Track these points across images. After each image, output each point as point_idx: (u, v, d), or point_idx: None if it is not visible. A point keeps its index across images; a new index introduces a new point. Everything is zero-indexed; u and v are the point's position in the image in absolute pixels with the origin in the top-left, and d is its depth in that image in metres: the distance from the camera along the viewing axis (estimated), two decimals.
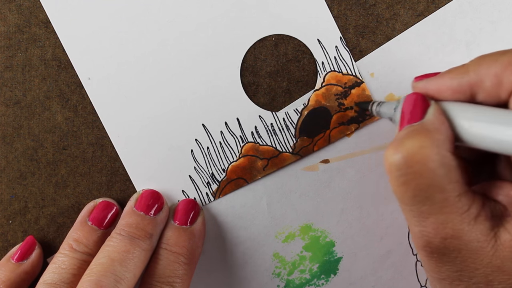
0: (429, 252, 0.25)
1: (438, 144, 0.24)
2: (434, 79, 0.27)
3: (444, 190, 0.24)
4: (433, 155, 0.24)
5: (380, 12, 0.34)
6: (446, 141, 0.25)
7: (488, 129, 0.24)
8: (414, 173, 0.24)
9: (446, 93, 0.26)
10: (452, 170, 0.24)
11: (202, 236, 0.33)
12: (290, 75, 0.34)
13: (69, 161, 0.34)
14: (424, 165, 0.24)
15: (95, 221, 0.33)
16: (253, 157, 0.34)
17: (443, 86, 0.26)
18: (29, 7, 0.33)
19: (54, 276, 0.30)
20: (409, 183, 0.24)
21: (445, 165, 0.24)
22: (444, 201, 0.24)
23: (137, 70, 0.34)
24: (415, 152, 0.24)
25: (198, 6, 0.33)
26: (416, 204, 0.25)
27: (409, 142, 0.24)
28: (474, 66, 0.25)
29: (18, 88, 0.34)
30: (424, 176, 0.24)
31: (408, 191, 0.24)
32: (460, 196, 0.24)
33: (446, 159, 0.24)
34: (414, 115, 0.26)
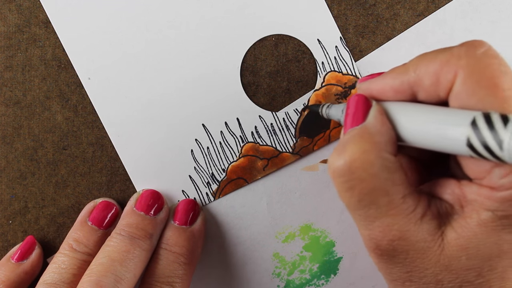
0: (379, 255, 0.25)
1: (380, 147, 0.24)
2: (376, 80, 0.27)
3: (388, 193, 0.24)
4: (375, 159, 0.24)
5: (380, 12, 0.34)
6: (388, 143, 0.25)
7: (425, 129, 0.24)
8: (357, 179, 0.24)
9: (389, 93, 0.26)
10: (395, 172, 0.24)
11: (202, 236, 0.33)
12: (290, 75, 0.34)
13: (69, 161, 0.34)
14: (366, 170, 0.24)
15: (95, 221, 0.33)
16: (253, 157, 0.34)
17: (385, 86, 0.26)
18: (29, 7, 0.33)
19: (54, 276, 0.30)
20: (353, 188, 0.24)
21: (388, 168, 0.24)
22: (389, 204, 0.24)
23: (137, 70, 0.34)
24: (356, 158, 0.24)
25: (198, 6, 0.33)
26: (362, 209, 0.25)
27: (351, 147, 0.24)
28: (414, 65, 0.25)
29: (18, 88, 0.34)
30: (367, 181, 0.24)
31: (353, 196, 0.25)
32: (405, 198, 0.24)
33: (388, 162, 0.24)
34: (356, 117, 0.26)
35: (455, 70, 0.23)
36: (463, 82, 0.23)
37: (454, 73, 0.23)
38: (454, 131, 0.23)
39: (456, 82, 0.23)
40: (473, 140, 0.22)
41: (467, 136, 0.22)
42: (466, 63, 0.23)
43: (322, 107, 0.31)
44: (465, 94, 0.23)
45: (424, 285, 0.25)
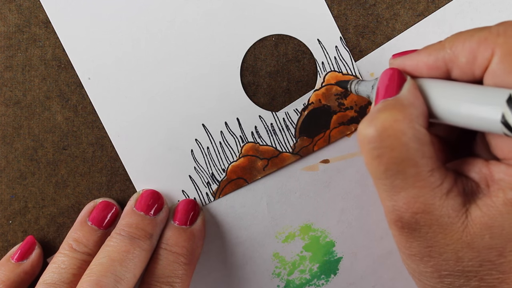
0: (400, 227, 0.25)
1: (412, 119, 0.24)
2: (411, 56, 0.27)
3: (416, 164, 0.24)
4: (407, 129, 0.24)
5: (380, 12, 0.34)
6: (420, 116, 0.25)
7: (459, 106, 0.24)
8: (387, 147, 0.24)
9: (423, 70, 0.26)
10: (425, 145, 0.24)
11: (202, 236, 0.33)
12: (290, 75, 0.34)
13: (69, 161, 0.34)
14: (397, 139, 0.24)
15: (95, 221, 0.33)
16: (253, 157, 0.34)
17: (419, 62, 0.26)
18: (29, 7, 0.33)
19: (54, 276, 0.30)
20: (381, 156, 0.24)
21: (419, 139, 0.24)
22: (416, 175, 0.24)
23: (137, 70, 0.34)
24: (388, 126, 0.24)
25: (198, 6, 0.33)
26: (388, 178, 0.24)
27: (383, 115, 0.24)
28: (450, 42, 0.25)
29: (18, 88, 0.34)
30: (397, 150, 0.24)
31: (380, 164, 0.24)
32: (433, 171, 0.24)
33: (419, 134, 0.24)
34: (389, 90, 0.26)
35: (493, 48, 0.23)
36: (501, 60, 0.23)
37: (491, 51, 0.23)
38: (489, 108, 0.23)
39: (493, 60, 0.23)
40: (509, 117, 0.22)
41: (502, 113, 0.22)
42: (504, 41, 0.23)
43: (351, 83, 0.31)
44: (502, 72, 0.23)
45: (443, 261, 0.25)
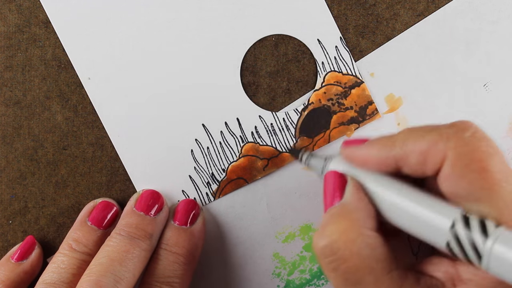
0: None
1: (359, 225, 0.24)
2: (361, 148, 0.27)
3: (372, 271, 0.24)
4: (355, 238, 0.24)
5: (380, 12, 0.34)
6: (367, 218, 0.25)
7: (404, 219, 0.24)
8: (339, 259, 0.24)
9: (373, 165, 0.26)
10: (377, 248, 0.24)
11: (202, 236, 0.33)
12: (290, 75, 0.34)
13: (69, 161, 0.34)
14: (347, 250, 0.24)
15: (95, 221, 0.33)
16: (253, 157, 0.34)
17: (369, 156, 0.26)
18: (29, 7, 0.33)
19: (54, 276, 0.30)
20: (338, 268, 0.24)
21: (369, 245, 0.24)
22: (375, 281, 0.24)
23: (137, 70, 0.34)
24: (337, 238, 0.24)
25: (198, 6, 0.33)
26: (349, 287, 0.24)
27: (330, 227, 0.25)
28: (401, 140, 0.25)
29: (18, 88, 0.34)
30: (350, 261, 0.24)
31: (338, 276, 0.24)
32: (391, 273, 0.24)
33: (369, 239, 0.24)
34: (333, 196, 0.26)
35: (444, 152, 0.23)
36: (453, 165, 0.23)
37: (442, 155, 0.23)
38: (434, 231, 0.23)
39: (445, 164, 0.23)
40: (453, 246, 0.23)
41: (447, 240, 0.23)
42: (454, 145, 0.23)
43: (303, 154, 0.31)
44: (454, 177, 0.23)
45: None
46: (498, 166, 0.23)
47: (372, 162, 0.26)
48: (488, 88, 0.34)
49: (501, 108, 0.34)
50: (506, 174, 0.23)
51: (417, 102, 0.34)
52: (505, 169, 0.23)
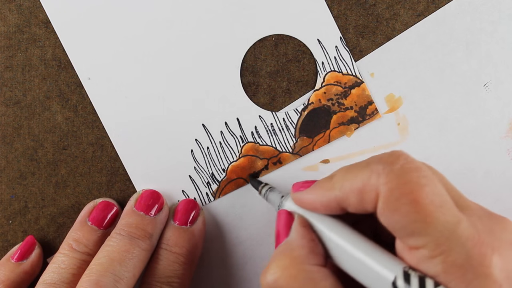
0: None
1: (301, 261, 0.25)
2: (306, 193, 0.27)
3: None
4: (297, 273, 0.25)
5: (380, 12, 0.34)
6: (311, 254, 0.25)
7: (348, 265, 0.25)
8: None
9: (319, 208, 0.26)
10: (321, 282, 0.24)
11: (202, 236, 0.33)
12: (290, 75, 0.34)
13: (69, 161, 0.34)
14: (290, 286, 0.24)
15: (95, 221, 0.33)
16: (253, 157, 0.34)
17: (314, 201, 0.26)
18: (29, 7, 0.33)
19: (54, 276, 0.30)
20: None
21: (312, 279, 0.24)
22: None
23: (137, 70, 0.34)
24: (279, 275, 0.25)
25: (198, 6, 0.33)
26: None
27: (273, 265, 0.25)
28: (339, 182, 0.25)
29: (18, 88, 0.34)
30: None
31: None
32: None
33: (311, 274, 0.25)
34: (281, 233, 0.27)
35: (376, 189, 0.23)
36: (385, 201, 0.23)
37: (375, 192, 0.23)
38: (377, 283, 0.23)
39: (379, 201, 0.23)
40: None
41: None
42: (384, 180, 0.23)
43: (263, 187, 0.32)
44: (388, 212, 0.23)
45: None
46: (430, 196, 0.22)
47: (318, 206, 0.26)
48: (488, 88, 0.34)
49: (501, 108, 0.34)
50: (440, 203, 0.23)
51: (417, 102, 0.34)
52: (438, 198, 0.23)
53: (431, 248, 0.22)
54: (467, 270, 0.22)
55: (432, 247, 0.22)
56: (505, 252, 0.23)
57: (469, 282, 0.22)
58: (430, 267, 0.23)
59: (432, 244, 0.22)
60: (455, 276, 0.22)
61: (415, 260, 0.23)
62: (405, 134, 0.34)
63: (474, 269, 0.22)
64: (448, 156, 0.34)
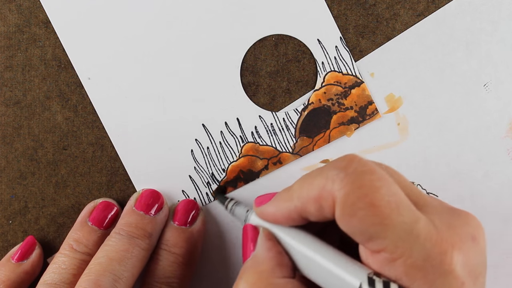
0: None
1: (267, 275, 0.25)
2: (268, 206, 0.27)
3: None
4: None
5: (380, 12, 0.34)
6: (277, 267, 0.25)
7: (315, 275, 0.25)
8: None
9: (281, 220, 0.26)
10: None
11: (201, 236, 0.33)
12: (290, 75, 0.34)
13: (69, 161, 0.34)
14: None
15: (95, 221, 0.33)
16: (253, 157, 0.34)
17: (276, 213, 0.26)
18: (29, 7, 0.33)
19: (55, 276, 0.30)
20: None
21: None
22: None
23: (137, 70, 0.34)
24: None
25: (198, 6, 0.33)
26: None
27: (242, 282, 0.25)
28: (297, 191, 0.25)
29: (18, 88, 0.34)
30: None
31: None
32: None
33: (280, 286, 0.24)
34: (248, 249, 0.27)
35: (332, 196, 0.23)
36: (342, 207, 0.23)
37: (332, 198, 0.23)
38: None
39: (336, 206, 0.23)
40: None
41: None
42: (339, 186, 0.23)
43: (229, 202, 0.32)
44: (345, 217, 0.23)
45: None
46: (386, 198, 0.22)
47: (280, 218, 0.26)
48: (488, 88, 0.34)
49: (501, 108, 0.34)
50: (397, 205, 0.22)
51: (417, 102, 0.34)
52: (395, 199, 0.22)
53: (390, 250, 0.22)
54: (428, 270, 0.22)
55: (392, 249, 0.22)
56: (466, 247, 0.22)
57: (431, 283, 0.22)
58: (392, 270, 0.22)
59: (392, 247, 0.22)
60: (417, 277, 0.22)
61: (378, 265, 0.23)
62: (405, 134, 0.34)
63: (435, 268, 0.22)
64: (448, 156, 0.34)
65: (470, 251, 0.23)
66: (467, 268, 0.22)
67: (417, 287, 0.22)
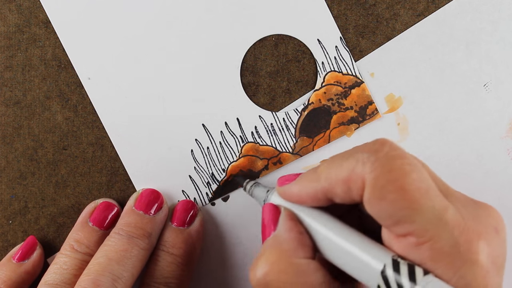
0: None
1: (289, 255, 0.25)
2: (292, 186, 0.27)
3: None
4: (286, 267, 0.24)
5: (380, 12, 0.34)
6: (299, 247, 0.25)
7: (338, 258, 0.25)
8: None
9: (306, 199, 0.26)
10: (311, 275, 0.24)
11: (200, 237, 0.33)
12: (290, 75, 0.34)
13: (69, 161, 0.34)
14: (279, 281, 0.24)
15: (96, 222, 0.33)
16: (253, 157, 0.34)
17: (301, 192, 0.26)
18: (29, 7, 0.33)
19: (56, 277, 0.31)
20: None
21: (302, 272, 0.24)
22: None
23: (137, 70, 0.34)
24: (268, 270, 0.25)
25: (198, 6, 0.33)
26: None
27: (262, 260, 0.25)
28: (324, 172, 0.25)
29: (18, 88, 0.34)
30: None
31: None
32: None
33: (301, 267, 0.24)
34: (268, 228, 0.27)
35: (362, 178, 0.23)
36: (371, 189, 0.23)
37: (361, 180, 0.23)
38: (365, 273, 0.23)
39: (365, 190, 0.23)
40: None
41: (377, 283, 0.23)
42: (370, 169, 0.23)
43: (247, 183, 0.32)
44: (374, 200, 0.23)
45: None
46: (416, 183, 0.22)
47: (306, 198, 0.26)
48: (488, 88, 0.34)
49: (501, 108, 0.34)
50: (426, 190, 0.22)
51: (417, 102, 0.34)
52: (424, 185, 0.23)
53: (418, 235, 0.22)
54: (455, 257, 0.22)
55: (419, 234, 0.22)
56: (490, 238, 0.23)
57: (457, 269, 0.22)
58: (417, 255, 0.23)
59: (419, 231, 0.22)
60: (443, 263, 0.22)
61: (403, 249, 0.23)
62: (405, 134, 0.34)
63: (462, 255, 0.22)
64: (448, 156, 0.34)
65: (494, 242, 0.23)
66: (490, 258, 0.22)
67: (441, 273, 0.22)
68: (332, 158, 0.25)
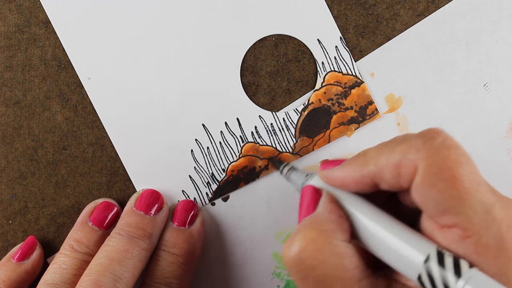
0: None
1: (328, 235, 0.24)
2: (337, 170, 0.27)
3: (341, 279, 0.24)
4: (323, 246, 0.24)
5: (380, 12, 0.34)
6: (338, 230, 0.25)
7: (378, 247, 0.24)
8: (308, 268, 0.24)
9: (350, 184, 0.26)
10: (347, 258, 0.24)
11: (201, 237, 0.33)
12: (290, 75, 0.34)
13: (69, 161, 0.34)
14: (315, 258, 0.24)
15: (96, 221, 0.33)
16: (253, 157, 0.34)
17: (346, 177, 0.26)
18: (29, 7, 0.33)
19: (55, 277, 0.31)
20: (307, 278, 0.24)
21: (338, 254, 0.24)
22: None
23: (137, 70, 0.34)
24: (305, 247, 0.24)
25: (198, 6, 0.33)
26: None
27: (299, 236, 0.25)
28: (374, 157, 0.25)
29: (18, 88, 0.34)
30: (318, 268, 0.24)
31: (308, 285, 0.24)
32: (361, 282, 0.24)
33: (338, 248, 0.24)
34: (307, 208, 0.26)
35: (414, 163, 0.23)
36: (423, 175, 0.23)
37: (413, 166, 0.23)
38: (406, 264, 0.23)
39: (416, 176, 0.23)
40: (424, 280, 0.22)
41: (418, 273, 0.23)
42: (424, 155, 0.23)
43: (284, 167, 0.31)
44: (425, 186, 0.23)
45: None
46: (468, 174, 0.22)
47: (350, 182, 0.26)
48: (488, 88, 0.34)
49: (501, 108, 0.34)
50: (476, 182, 0.22)
51: (417, 102, 0.34)
52: (475, 177, 0.23)
53: (464, 227, 0.22)
54: (500, 253, 0.22)
55: (466, 226, 0.22)
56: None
57: (501, 265, 0.22)
58: (461, 248, 0.22)
59: (466, 223, 0.22)
60: (488, 257, 0.22)
61: (446, 240, 0.23)
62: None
63: (507, 252, 0.22)
64: None
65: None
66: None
67: (485, 267, 0.22)
68: (382, 143, 0.25)
